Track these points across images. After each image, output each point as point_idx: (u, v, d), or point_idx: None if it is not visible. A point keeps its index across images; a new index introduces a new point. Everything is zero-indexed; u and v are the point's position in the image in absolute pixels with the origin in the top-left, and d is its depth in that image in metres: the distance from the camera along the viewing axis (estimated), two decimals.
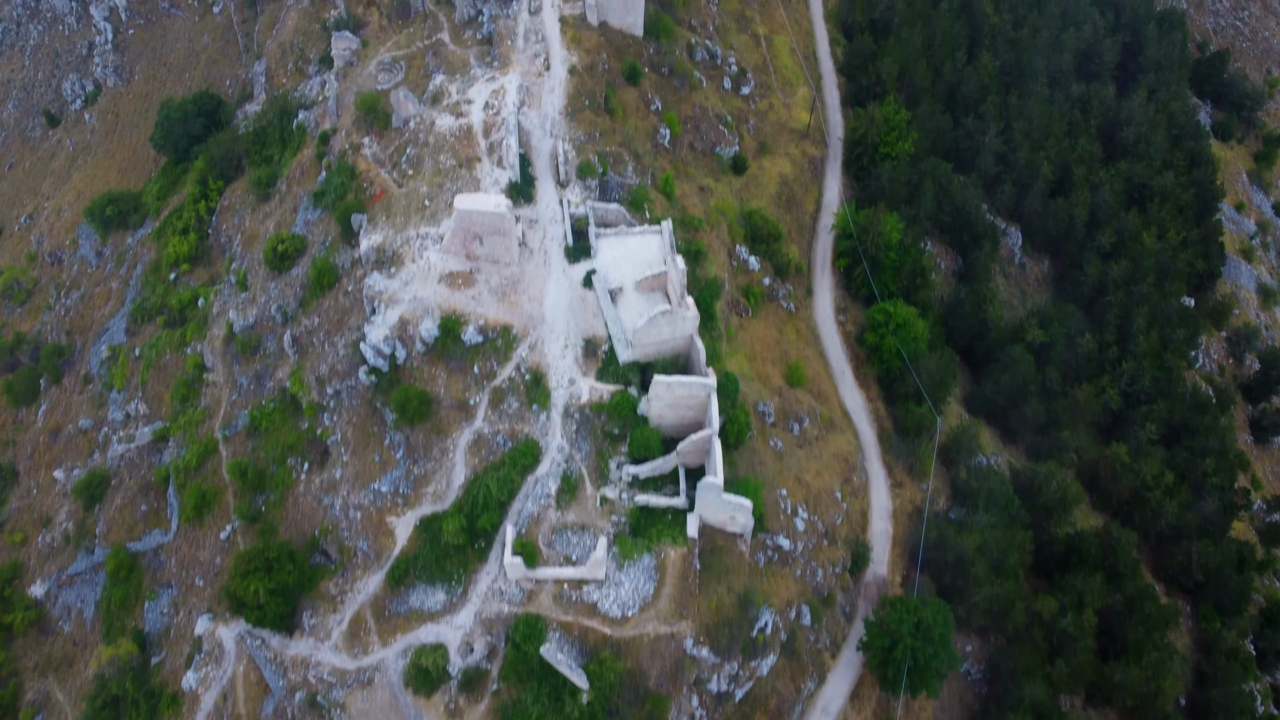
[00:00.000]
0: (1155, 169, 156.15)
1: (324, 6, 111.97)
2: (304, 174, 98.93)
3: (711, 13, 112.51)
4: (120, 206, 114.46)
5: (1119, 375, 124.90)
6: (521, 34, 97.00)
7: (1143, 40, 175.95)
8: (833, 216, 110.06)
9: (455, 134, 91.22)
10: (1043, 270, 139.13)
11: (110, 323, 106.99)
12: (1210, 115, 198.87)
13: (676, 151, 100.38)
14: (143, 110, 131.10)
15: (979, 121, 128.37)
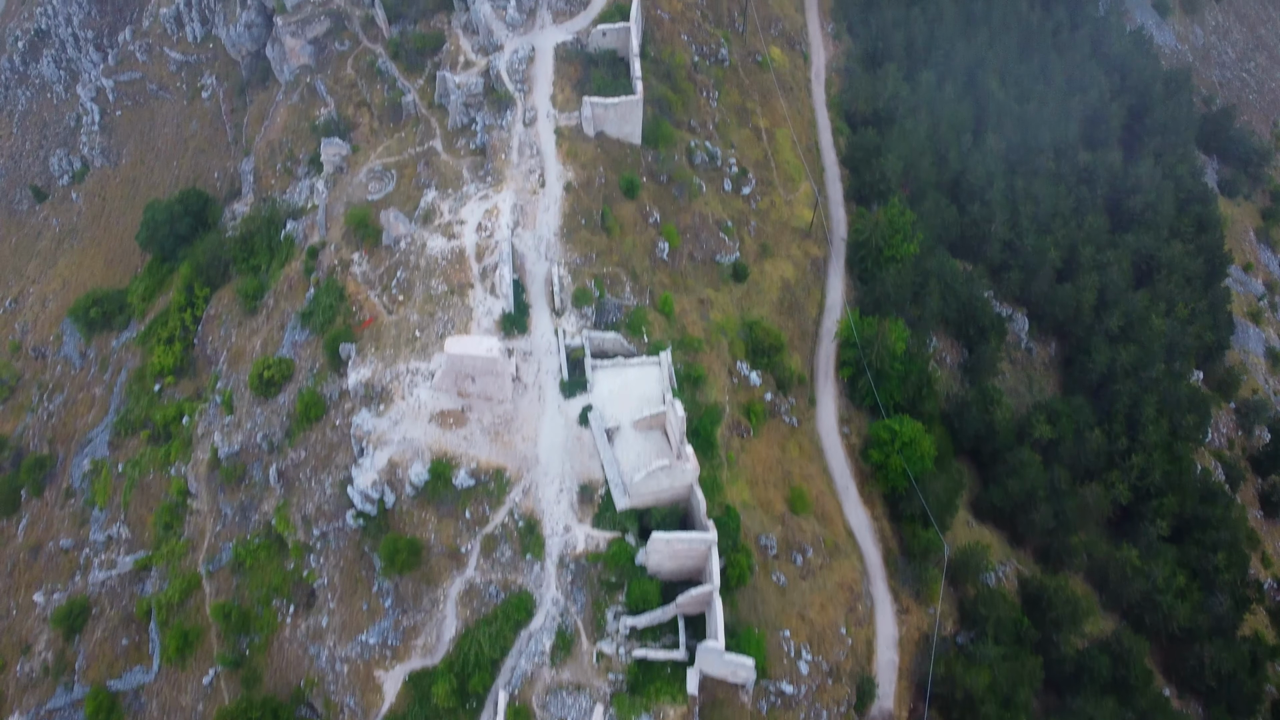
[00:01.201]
0: (1163, 238, 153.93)
1: (314, 103, 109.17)
2: (292, 289, 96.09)
3: (711, 110, 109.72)
4: (104, 308, 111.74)
5: (1128, 469, 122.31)
6: (516, 147, 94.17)
7: (1149, 102, 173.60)
8: (836, 319, 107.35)
9: (447, 257, 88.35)
10: (1049, 354, 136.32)
11: (93, 433, 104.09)
12: (1217, 171, 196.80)
13: (675, 264, 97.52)
14: (129, 196, 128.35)
15: (985, 209, 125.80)
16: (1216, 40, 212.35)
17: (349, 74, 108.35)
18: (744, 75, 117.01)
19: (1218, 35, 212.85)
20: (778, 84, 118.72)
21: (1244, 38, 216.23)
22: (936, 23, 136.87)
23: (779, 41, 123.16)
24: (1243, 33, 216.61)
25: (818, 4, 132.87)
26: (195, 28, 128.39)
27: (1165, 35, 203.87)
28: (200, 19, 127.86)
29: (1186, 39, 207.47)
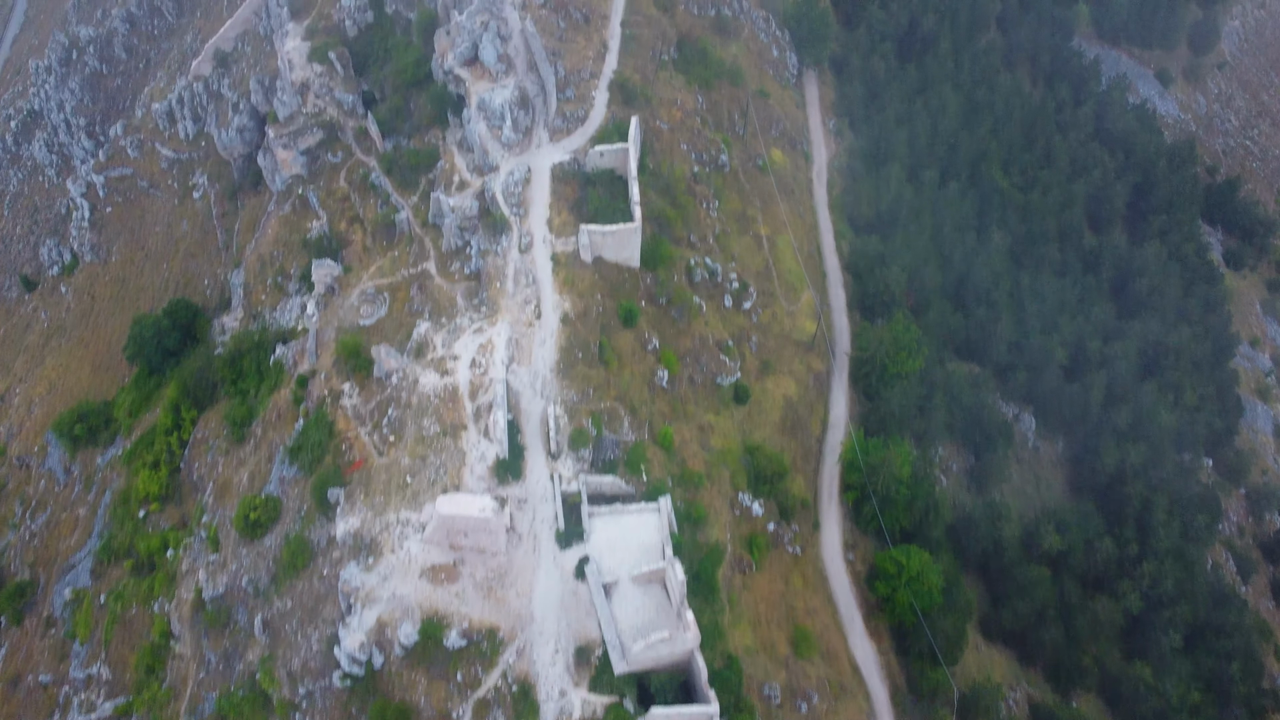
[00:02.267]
0: (1170, 322, 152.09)
1: (306, 215, 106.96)
2: (280, 419, 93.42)
3: (711, 220, 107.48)
4: (89, 423, 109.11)
5: (1139, 577, 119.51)
6: (511, 275, 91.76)
7: (1154, 179, 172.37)
8: (840, 438, 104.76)
9: (440, 395, 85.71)
10: (1057, 451, 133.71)
11: (76, 557, 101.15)
12: (1221, 242, 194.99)
13: (675, 390, 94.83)
14: (118, 296, 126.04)
15: (990, 310, 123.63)
16: (1219, 108, 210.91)
17: (342, 187, 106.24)
18: (745, 180, 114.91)
19: (1220, 103, 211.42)
20: (779, 188, 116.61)
21: (1247, 105, 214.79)
22: (940, 115, 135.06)
23: (780, 142, 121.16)
24: (1245, 99, 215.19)
25: (819, 100, 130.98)
26: (188, 125, 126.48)
27: (1168, 105, 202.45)
28: (193, 116, 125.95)
29: (1189, 108, 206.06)
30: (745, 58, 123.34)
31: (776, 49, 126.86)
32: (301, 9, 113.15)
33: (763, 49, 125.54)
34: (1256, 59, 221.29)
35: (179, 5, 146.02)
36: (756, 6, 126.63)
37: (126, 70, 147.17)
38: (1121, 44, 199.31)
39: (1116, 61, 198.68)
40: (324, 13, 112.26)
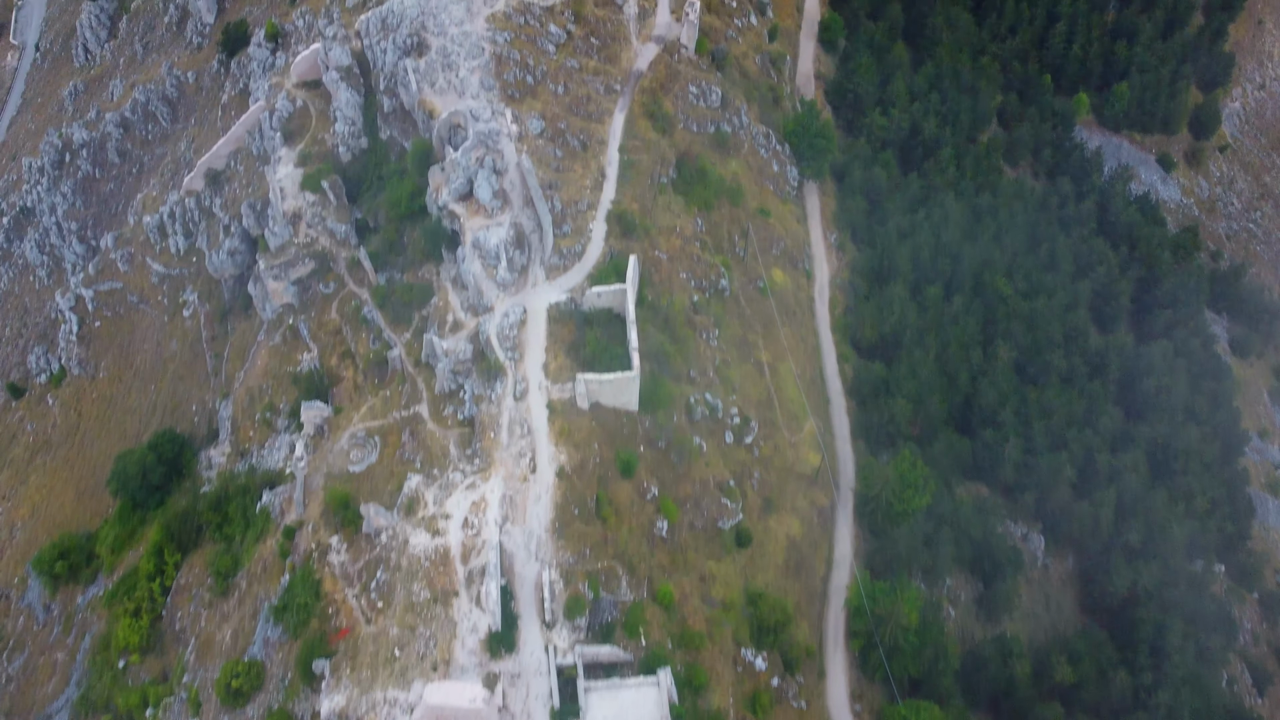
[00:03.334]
0: (1178, 423, 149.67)
1: (296, 347, 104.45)
2: (266, 572, 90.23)
3: (711, 350, 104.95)
4: (71, 560, 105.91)
5: (1155, 707, 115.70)
6: (505, 425, 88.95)
7: (1158, 272, 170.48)
8: (845, 576, 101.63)
9: (431, 558, 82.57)
10: (1067, 568, 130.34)
11: (53, 707, 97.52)
12: (1227, 330, 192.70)
13: (675, 539, 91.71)
14: (105, 416, 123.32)
15: (997, 432, 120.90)
16: (1222, 191, 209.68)
17: (333, 319, 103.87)
18: (745, 304, 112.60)
19: (1223, 186, 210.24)
20: (781, 310, 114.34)
21: (1249, 187, 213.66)
22: (942, 226, 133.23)
23: (781, 261, 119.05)
24: (1248, 181, 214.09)
25: (820, 212, 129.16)
26: (179, 240, 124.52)
27: (1170, 190, 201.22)
28: (184, 232, 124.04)
29: (1192, 192, 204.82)
30: (745, 174, 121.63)
31: (777, 163, 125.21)
32: (295, 132, 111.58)
33: (763, 164, 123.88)
34: (1257, 140, 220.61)
35: (173, 110, 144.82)
36: (756, 121, 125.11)
37: (119, 175, 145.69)
38: (1123, 130, 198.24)
39: (1118, 149, 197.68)
40: (317, 137, 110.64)
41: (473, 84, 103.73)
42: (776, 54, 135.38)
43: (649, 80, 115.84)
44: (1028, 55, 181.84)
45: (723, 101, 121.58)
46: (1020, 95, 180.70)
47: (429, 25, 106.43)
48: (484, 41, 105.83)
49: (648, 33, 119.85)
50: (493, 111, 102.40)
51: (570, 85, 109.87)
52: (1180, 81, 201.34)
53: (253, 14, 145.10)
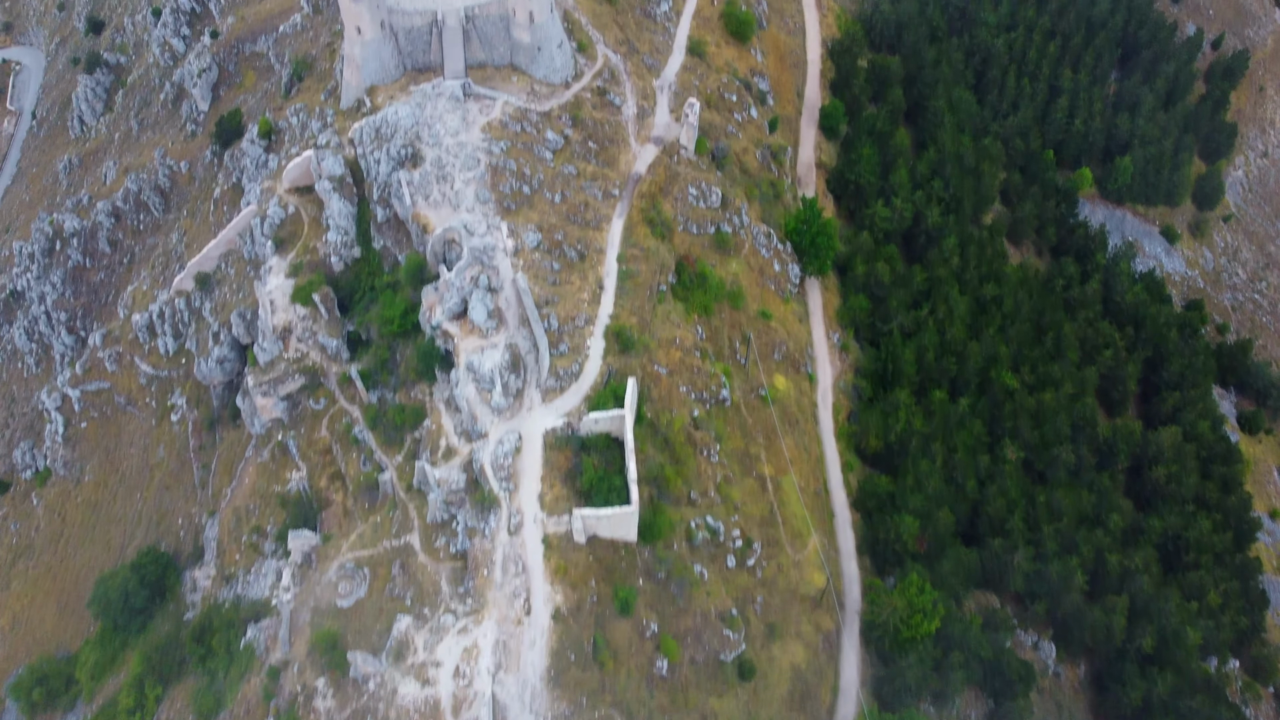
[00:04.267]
0: (1189, 513, 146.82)
1: (285, 465, 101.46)
2: (249, 714, 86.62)
3: (712, 467, 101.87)
4: (49, 686, 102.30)
5: None
6: (499, 563, 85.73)
7: (1165, 352, 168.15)
8: (852, 707, 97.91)
9: (420, 710, 79.14)
10: (1079, 676, 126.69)
11: None
12: (1235, 405, 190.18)
13: (675, 677, 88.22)
14: (90, 524, 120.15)
15: (1006, 540, 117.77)
16: (1226, 262, 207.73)
17: (323, 437, 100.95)
18: (747, 414, 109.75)
19: (1227, 256, 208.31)
20: (783, 419, 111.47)
21: (1254, 256, 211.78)
22: (947, 322, 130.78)
23: (783, 366, 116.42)
24: (1252, 251, 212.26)
25: (822, 309, 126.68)
26: (168, 341, 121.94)
27: (1175, 262, 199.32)
28: (173, 333, 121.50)
29: (1196, 263, 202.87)
30: (745, 275, 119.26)
31: (778, 263, 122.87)
32: (286, 239, 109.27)
33: (763, 264, 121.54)
34: (1261, 209, 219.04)
35: (165, 200, 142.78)
36: (757, 220, 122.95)
37: (110, 264, 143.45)
38: (1126, 203, 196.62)
39: (1121, 221, 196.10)
40: (309, 245, 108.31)
41: (468, 196, 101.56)
42: (777, 146, 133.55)
43: (648, 184, 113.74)
44: (1029, 131, 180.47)
45: (723, 201, 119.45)
46: (1023, 171, 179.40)
47: (424, 135, 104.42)
48: (479, 152, 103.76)
49: (646, 133, 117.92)
50: (488, 226, 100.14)
51: (568, 193, 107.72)
52: (1183, 153, 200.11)
53: (248, 103, 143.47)
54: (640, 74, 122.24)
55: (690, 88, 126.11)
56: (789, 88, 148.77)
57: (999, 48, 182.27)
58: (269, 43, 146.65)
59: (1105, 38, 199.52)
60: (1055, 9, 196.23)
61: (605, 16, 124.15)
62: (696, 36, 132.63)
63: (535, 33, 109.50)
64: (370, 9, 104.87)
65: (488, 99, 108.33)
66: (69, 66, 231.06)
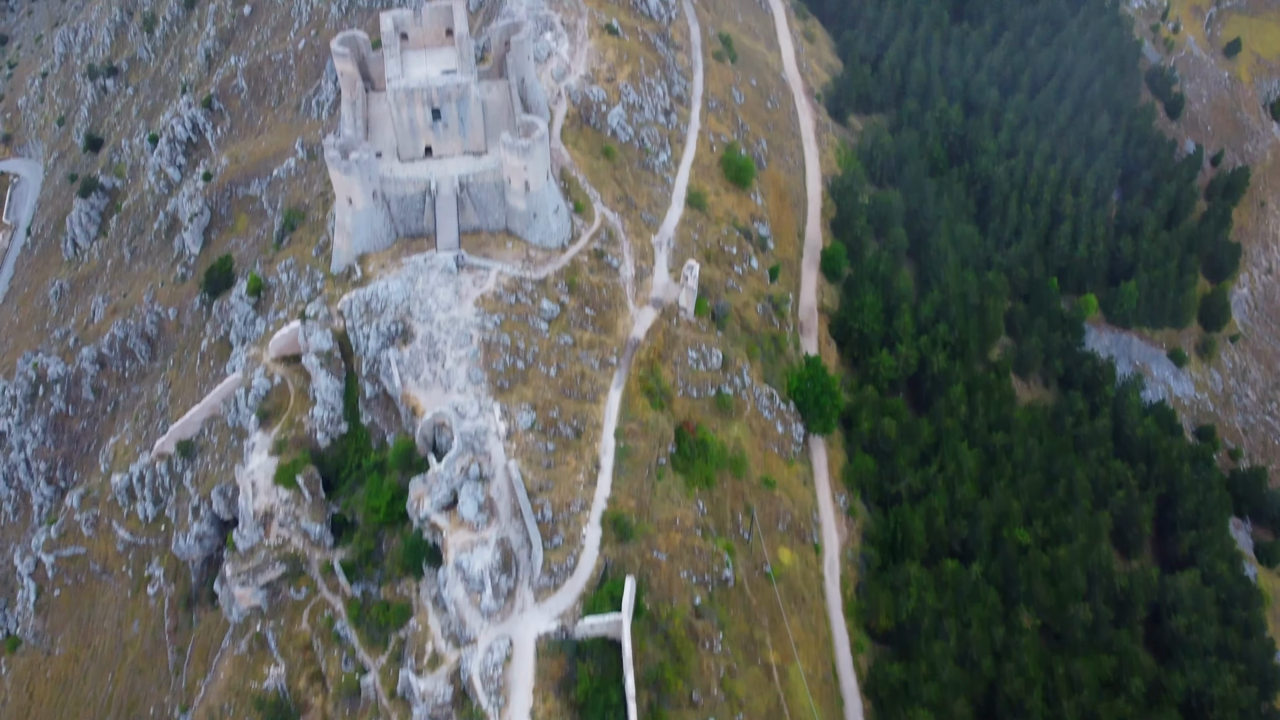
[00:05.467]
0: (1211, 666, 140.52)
1: (263, 659, 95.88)
2: None
3: (715, 660, 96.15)
4: None
5: None
6: None
7: (1179, 487, 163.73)
8: None
9: None
10: None
11: None
12: (1251, 535, 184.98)
13: None
14: (59, 703, 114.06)
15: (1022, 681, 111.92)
16: (1236, 383, 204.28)
17: (304, 630, 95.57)
18: (751, 594, 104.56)
19: (1236, 378, 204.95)
20: (789, 596, 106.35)
21: (1263, 377, 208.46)
22: (956, 480, 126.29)
23: (788, 537, 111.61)
24: (1261, 370, 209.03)
25: (827, 469, 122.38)
26: (147, 507, 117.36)
27: (1184, 385, 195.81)
28: (153, 498, 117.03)
29: (1205, 386, 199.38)
30: (747, 439, 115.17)
31: (781, 424, 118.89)
32: (271, 412, 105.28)
33: (766, 426, 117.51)
34: (1268, 326, 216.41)
35: (152, 348, 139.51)
36: (759, 381, 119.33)
37: (93, 413, 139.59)
38: (1132, 326, 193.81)
39: (1128, 345, 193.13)
40: (294, 419, 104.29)
41: (459, 376, 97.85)
42: (779, 297, 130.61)
43: (646, 350, 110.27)
44: (1033, 259, 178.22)
45: (723, 363, 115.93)
46: (1027, 300, 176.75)
47: (415, 311, 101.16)
48: (472, 328, 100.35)
49: (645, 295, 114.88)
50: (480, 408, 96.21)
51: (563, 364, 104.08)
52: (1187, 274, 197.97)
53: (239, 248, 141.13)
54: (638, 231, 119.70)
55: (689, 243, 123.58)
56: (790, 228, 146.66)
57: (1000, 175, 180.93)
58: (262, 186, 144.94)
59: (1106, 159, 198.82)
60: (1055, 132, 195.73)
61: (603, 172, 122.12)
62: (695, 187, 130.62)
63: (531, 200, 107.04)
64: (362, 180, 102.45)
65: (481, 270, 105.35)
66: (66, 183, 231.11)
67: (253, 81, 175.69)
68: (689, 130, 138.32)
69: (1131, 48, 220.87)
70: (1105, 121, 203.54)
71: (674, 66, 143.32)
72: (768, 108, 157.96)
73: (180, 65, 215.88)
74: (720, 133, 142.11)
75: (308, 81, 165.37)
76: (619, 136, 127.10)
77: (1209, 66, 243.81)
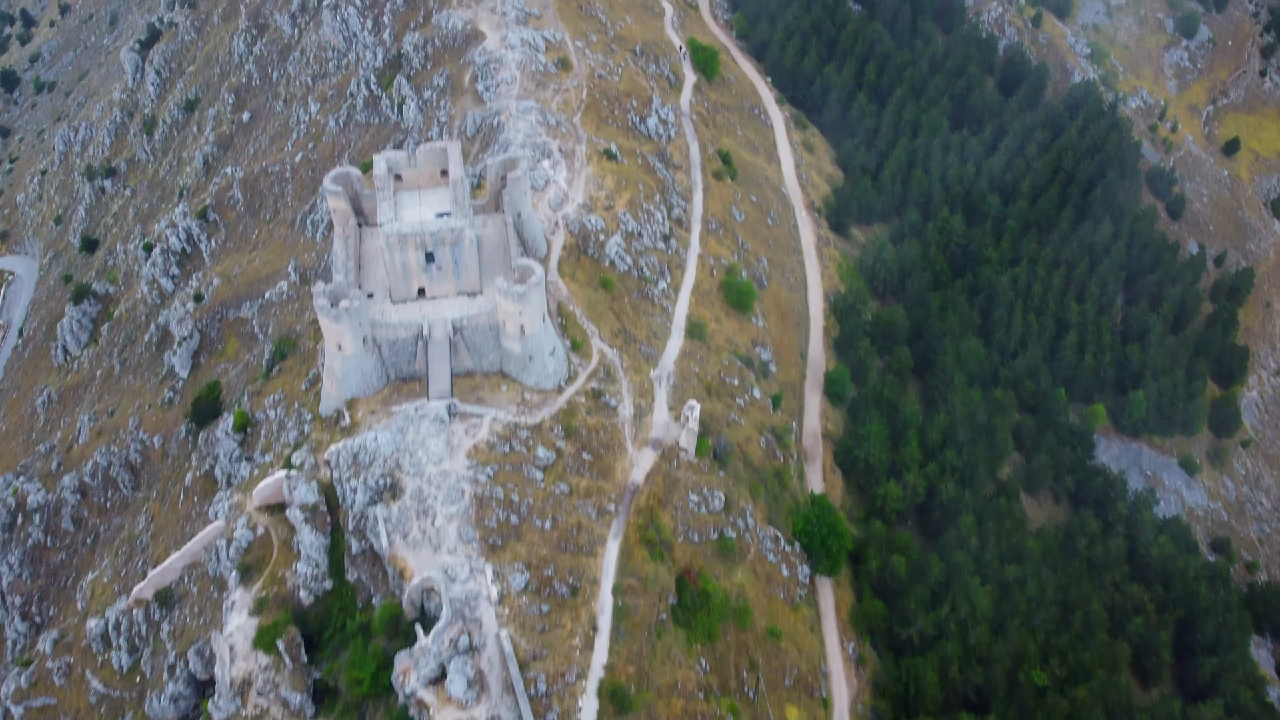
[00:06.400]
0: None
1: None
2: None
3: None
4: None
5: None
6: None
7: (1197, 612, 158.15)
8: None
9: None
10: None
11: None
12: (1272, 652, 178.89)
13: None
14: None
15: None
16: (1249, 490, 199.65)
17: None
18: None
19: (1250, 485, 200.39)
20: None
21: (1276, 483, 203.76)
22: (970, 621, 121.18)
23: (795, 693, 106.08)
24: (1274, 477, 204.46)
25: (835, 612, 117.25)
26: (122, 657, 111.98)
27: (1197, 495, 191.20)
28: (129, 648, 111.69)
29: (1219, 494, 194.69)
30: (751, 585, 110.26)
31: (786, 566, 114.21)
32: (253, 566, 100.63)
33: (771, 570, 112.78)
34: (1279, 430, 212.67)
35: (135, 478, 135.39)
36: (763, 523, 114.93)
37: (72, 544, 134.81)
38: (1142, 435, 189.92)
39: (1138, 455, 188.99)
40: (277, 574, 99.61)
41: (450, 535, 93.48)
42: (782, 428, 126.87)
43: (645, 496, 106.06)
44: (1039, 370, 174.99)
45: (726, 505, 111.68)
46: (1034, 411, 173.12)
47: (404, 464, 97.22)
48: (464, 482, 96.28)
49: (644, 436, 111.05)
50: (471, 570, 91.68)
51: (559, 516, 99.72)
52: (1196, 381, 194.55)
53: (227, 373, 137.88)
54: (637, 367, 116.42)
55: (690, 377, 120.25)
56: (792, 349, 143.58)
57: (1004, 284, 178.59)
58: (253, 309, 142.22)
59: (1110, 264, 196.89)
60: (1058, 239, 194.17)
61: (601, 305, 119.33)
62: (695, 315, 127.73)
63: (527, 344, 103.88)
64: (352, 327, 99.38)
65: (475, 417, 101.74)
66: (60, 284, 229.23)
67: (249, 193, 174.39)
68: (689, 255, 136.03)
69: (1131, 149, 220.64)
70: (1108, 226, 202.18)
71: (673, 189, 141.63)
72: (768, 224, 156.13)
73: (179, 169, 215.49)
74: (720, 255, 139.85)
75: (304, 197, 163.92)
76: (617, 266, 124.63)
77: (1208, 165, 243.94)
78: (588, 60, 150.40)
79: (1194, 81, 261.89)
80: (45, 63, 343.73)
